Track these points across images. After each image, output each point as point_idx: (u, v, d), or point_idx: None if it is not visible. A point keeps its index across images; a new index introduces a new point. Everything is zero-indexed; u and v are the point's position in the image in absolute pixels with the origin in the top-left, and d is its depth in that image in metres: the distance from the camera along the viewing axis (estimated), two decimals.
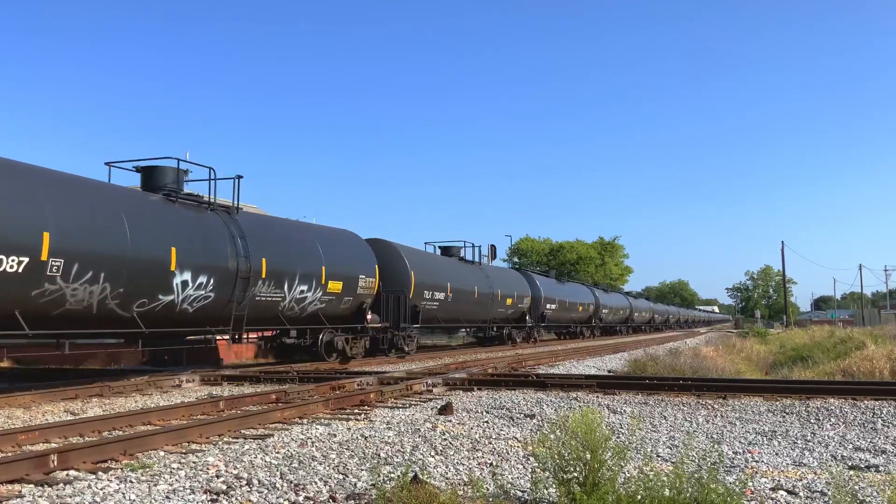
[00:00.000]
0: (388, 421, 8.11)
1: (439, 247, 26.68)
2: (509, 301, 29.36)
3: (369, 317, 19.13)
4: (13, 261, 10.07)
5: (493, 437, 7.30)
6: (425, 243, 25.45)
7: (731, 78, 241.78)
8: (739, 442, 7.23)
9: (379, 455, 6.18)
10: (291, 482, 5.19)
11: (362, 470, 5.61)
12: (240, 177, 14.96)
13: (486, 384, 11.89)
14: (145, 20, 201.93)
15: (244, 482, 5.15)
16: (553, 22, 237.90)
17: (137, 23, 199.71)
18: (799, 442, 7.17)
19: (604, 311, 45.85)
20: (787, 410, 9.07)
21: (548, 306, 34.20)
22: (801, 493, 4.99)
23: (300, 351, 18.13)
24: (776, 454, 6.58)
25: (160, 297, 12.64)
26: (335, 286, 17.73)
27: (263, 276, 15.08)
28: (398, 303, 20.26)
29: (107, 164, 14.07)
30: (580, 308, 40.85)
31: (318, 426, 7.76)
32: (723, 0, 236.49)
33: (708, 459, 5.50)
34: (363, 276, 18.89)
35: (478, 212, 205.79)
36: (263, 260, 15.16)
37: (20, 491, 4.94)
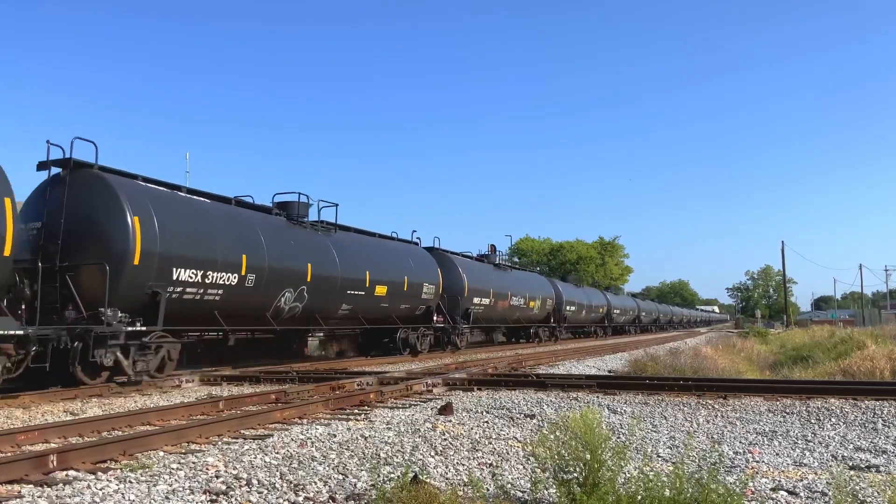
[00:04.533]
0: (388, 421, 8.10)
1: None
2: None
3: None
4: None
5: (493, 437, 7.29)
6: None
7: (731, 78, 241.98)
8: (740, 442, 7.22)
9: (379, 455, 6.17)
10: (291, 482, 5.18)
11: (362, 470, 5.60)
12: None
13: (486, 384, 11.88)
14: (145, 20, 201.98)
15: (244, 482, 5.15)
16: (553, 22, 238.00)
17: (138, 23, 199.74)
18: (799, 442, 7.16)
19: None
20: (788, 410, 9.06)
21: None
22: (802, 494, 4.98)
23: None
24: (777, 454, 6.57)
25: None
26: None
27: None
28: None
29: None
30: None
31: (317, 426, 7.75)
32: (723, 0, 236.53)
33: (708, 460, 5.50)
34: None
35: (478, 212, 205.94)
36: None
37: (20, 491, 4.93)
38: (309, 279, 16.39)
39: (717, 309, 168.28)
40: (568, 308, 37.54)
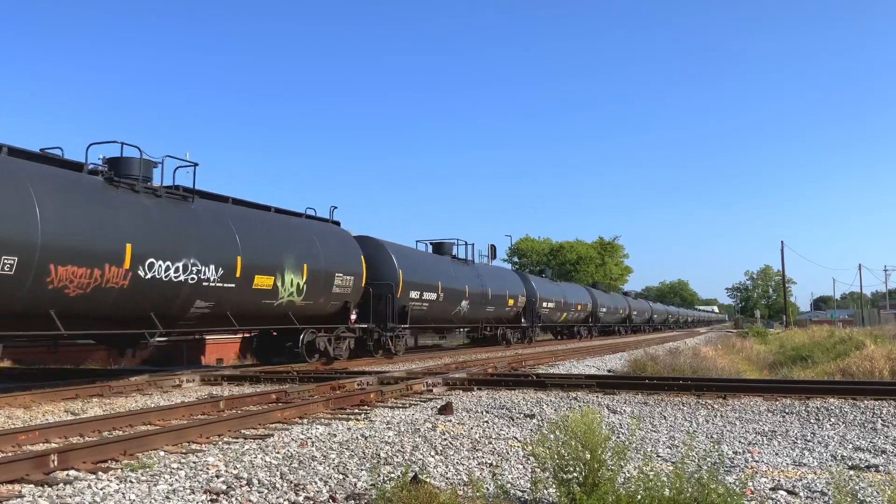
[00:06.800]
0: (388, 421, 8.11)
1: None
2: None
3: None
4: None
5: (493, 437, 7.30)
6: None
7: (732, 78, 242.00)
8: (739, 442, 7.23)
9: (379, 455, 6.18)
10: (291, 482, 5.19)
11: (362, 470, 5.61)
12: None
13: (486, 384, 11.89)
14: (146, 20, 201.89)
15: (244, 482, 5.16)
16: (553, 22, 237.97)
17: (138, 23, 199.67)
18: (799, 442, 7.18)
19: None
20: (787, 410, 9.08)
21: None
22: (801, 493, 5.00)
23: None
24: (776, 454, 6.58)
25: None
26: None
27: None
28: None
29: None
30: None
31: (318, 426, 7.76)
32: (723, 0, 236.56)
33: (708, 459, 5.50)
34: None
35: (478, 212, 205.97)
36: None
37: (20, 491, 4.94)
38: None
39: (716, 309, 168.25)
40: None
